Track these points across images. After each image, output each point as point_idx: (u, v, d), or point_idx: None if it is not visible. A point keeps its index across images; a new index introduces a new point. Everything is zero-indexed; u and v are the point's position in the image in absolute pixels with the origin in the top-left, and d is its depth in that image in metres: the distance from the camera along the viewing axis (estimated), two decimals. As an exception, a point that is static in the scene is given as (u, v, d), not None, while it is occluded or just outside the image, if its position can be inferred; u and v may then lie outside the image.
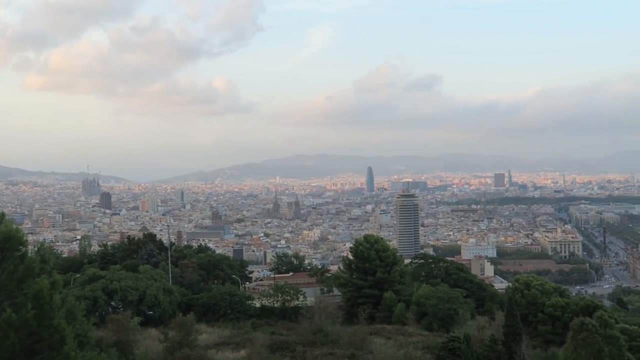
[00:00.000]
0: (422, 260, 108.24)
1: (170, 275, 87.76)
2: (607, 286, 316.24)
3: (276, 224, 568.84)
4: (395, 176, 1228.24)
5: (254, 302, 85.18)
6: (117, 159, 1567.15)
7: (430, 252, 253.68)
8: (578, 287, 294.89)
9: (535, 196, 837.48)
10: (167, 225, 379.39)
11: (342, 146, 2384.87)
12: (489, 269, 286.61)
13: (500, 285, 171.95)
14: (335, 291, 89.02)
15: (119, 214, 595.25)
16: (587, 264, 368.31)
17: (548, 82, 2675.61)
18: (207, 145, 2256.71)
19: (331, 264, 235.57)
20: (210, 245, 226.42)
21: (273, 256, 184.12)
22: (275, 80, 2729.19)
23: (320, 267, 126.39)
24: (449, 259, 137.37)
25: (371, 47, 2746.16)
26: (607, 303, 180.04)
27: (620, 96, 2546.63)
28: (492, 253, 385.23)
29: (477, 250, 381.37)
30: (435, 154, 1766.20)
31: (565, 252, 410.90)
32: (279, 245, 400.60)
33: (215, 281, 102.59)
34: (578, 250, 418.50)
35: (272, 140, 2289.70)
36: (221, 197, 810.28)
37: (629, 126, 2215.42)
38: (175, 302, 78.35)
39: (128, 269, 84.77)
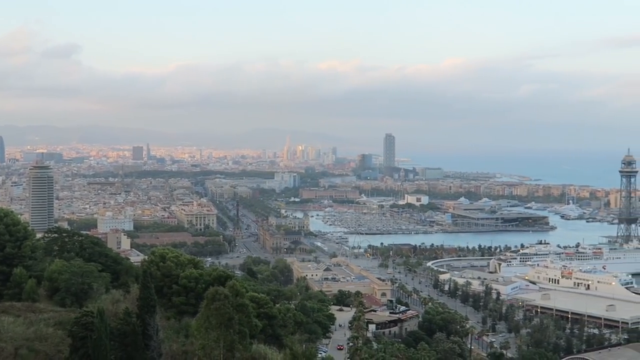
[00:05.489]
0: (55, 234, 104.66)
1: None
2: (239, 257, 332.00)
3: None
4: (29, 147, 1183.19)
5: None
6: None
7: (65, 225, 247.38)
8: (212, 258, 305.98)
9: (173, 170, 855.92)
10: None
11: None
12: (126, 243, 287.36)
13: (137, 258, 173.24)
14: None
15: None
16: (222, 236, 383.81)
17: (191, 57, 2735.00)
18: None
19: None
20: None
21: None
22: None
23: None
24: (85, 232, 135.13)
25: (7, 8, 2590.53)
26: (238, 273, 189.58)
27: (256, 76, 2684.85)
28: (129, 226, 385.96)
29: (113, 223, 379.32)
30: (72, 125, 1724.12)
31: (200, 224, 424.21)
32: None
33: None
34: (213, 223, 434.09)
35: None
36: None
37: (262, 105, 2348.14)
38: None
39: None
